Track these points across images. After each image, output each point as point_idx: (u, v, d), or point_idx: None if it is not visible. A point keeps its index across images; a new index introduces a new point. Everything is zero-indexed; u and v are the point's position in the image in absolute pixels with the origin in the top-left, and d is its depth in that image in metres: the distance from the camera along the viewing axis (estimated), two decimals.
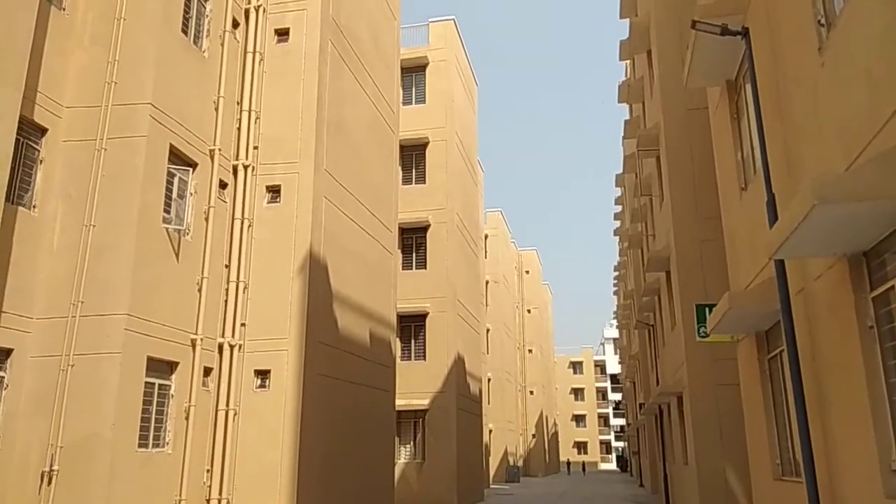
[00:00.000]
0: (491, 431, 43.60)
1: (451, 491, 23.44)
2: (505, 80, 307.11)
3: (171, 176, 12.78)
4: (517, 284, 58.85)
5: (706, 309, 13.36)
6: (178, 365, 12.60)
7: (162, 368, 12.26)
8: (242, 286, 14.19)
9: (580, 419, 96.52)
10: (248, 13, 15.64)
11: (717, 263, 14.38)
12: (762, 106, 8.14)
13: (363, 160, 18.31)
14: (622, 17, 23.89)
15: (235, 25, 15.28)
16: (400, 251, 24.64)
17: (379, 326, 18.80)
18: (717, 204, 12.22)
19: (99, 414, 10.82)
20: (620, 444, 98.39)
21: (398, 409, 21.74)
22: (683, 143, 16.17)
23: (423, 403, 24.08)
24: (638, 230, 26.31)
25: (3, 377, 10.73)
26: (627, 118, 31.06)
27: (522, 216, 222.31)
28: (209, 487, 13.10)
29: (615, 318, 67.79)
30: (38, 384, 10.98)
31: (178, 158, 13.01)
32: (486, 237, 44.40)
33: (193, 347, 12.95)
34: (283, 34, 15.84)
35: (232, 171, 14.68)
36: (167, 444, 12.25)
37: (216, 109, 14.28)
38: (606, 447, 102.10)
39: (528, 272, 63.57)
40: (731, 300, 8.39)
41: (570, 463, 79.63)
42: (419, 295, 25.01)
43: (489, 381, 42.67)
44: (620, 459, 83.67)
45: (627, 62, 30.88)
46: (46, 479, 10.61)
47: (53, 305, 11.31)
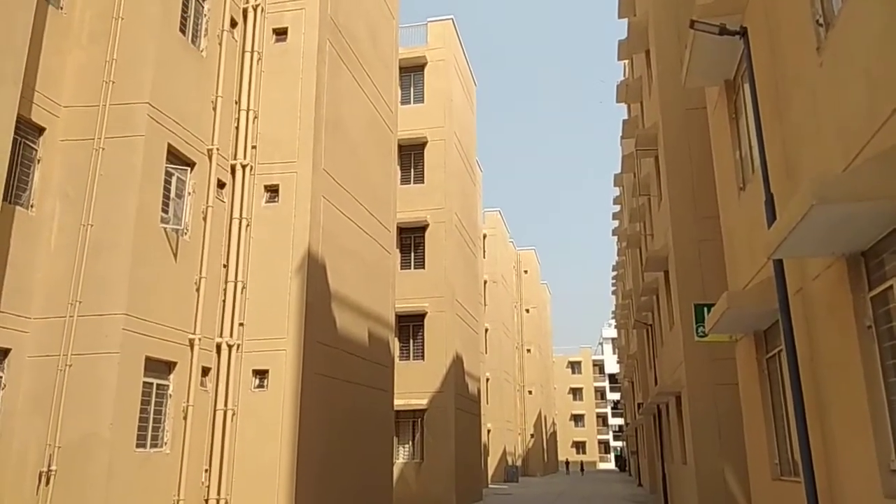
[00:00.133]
0: (489, 431, 43.60)
1: (449, 491, 23.44)
2: (503, 80, 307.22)
3: (168, 175, 12.76)
4: (515, 284, 58.88)
5: (704, 308, 13.36)
6: (176, 365, 12.58)
7: (160, 368, 12.25)
8: (241, 286, 14.17)
9: (579, 419, 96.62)
10: (246, 12, 15.62)
11: (715, 263, 14.38)
12: (761, 106, 8.14)
13: (361, 160, 18.30)
14: (620, 16, 23.90)
15: (233, 25, 15.26)
16: (398, 251, 24.65)
17: (377, 326, 18.79)
18: (715, 204, 12.22)
19: (97, 414, 10.80)
20: (619, 443, 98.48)
21: (397, 408, 21.74)
22: (682, 142, 16.17)
23: (421, 403, 24.08)
24: (636, 230, 26.30)
25: (0, 377, 10.71)
26: (626, 118, 31.08)
27: (521, 216, 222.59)
28: (207, 487, 13.09)
29: (613, 317, 67.76)
30: (35, 384, 10.96)
31: (176, 158, 13.00)
32: (484, 237, 44.41)
33: (191, 347, 12.94)
34: (281, 33, 15.83)
35: (230, 170, 14.67)
36: (165, 444, 12.23)
37: (214, 109, 14.27)
38: (605, 447, 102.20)
39: (526, 272, 63.60)
40: (729, 300, 8.39)
41: (569, 462, 79.68)
42: (417, 295, 25.01)
43: (488, 380, 42.68)
44: (619, 459, 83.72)
45: (626, 62, 30.89)
46: (44, 479, 10.59)
47: (51, 305, 11.29)
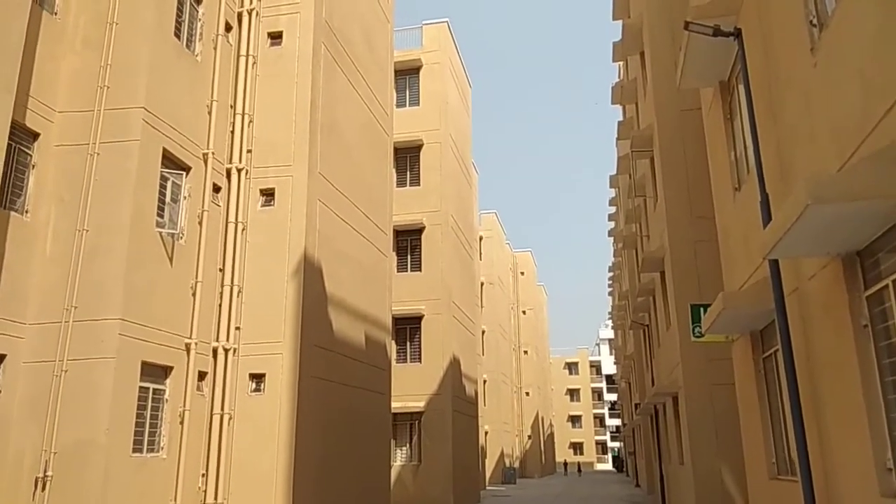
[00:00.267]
0: (487, 433, 43.56)
1: (447, 493, 23.41)
2: (499, 82, 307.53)
3: (164, 180, 12.74)
4: (512, 286, 58.86)
5: (701, 309, 13.39)
6: (172, 369, 12.55)
7: (156, 373, 12.21)
8: (237, 290, 14.14)
9: (576, 420, 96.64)
10: (240, 17, 15.60)
11: (711, 264, 14.40)
12: (755, 106, 8.16)
13: (357, 163, 18.29)
14: (615, 18, 23.93)
15: (228, 29, 15.24)
16: (395, 253, 24.62)
17: (374, 329, 18.77)
18: (710, 204, 12.25)
19: (93, 419, 10.77)
20: (616, 444, 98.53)
21: (394, 411, 21.71)
22: (677, 143, 16.19)
23: (418, 406, 24.06)
24: (632, 231, 26.32)
25: None
26: (621, 119, 31.11)
27: (517, 218, 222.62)
28: (204, 492, 13.05)
29: (610, 318, 67.90)
30: (31, 389, 10.92)
31: (171, 162, 12.97)
32: (480, 239, 44.40)
33: (188, 352, 12.91)
34: (276, 37, 15.81)
35: (225, 174, 14.64)
36: (162, 448, 12.19)
37: (209, 113, 14.25)
38: (602, 448, 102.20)
39: (522, 273, 63.59)
40: (725, 300, 8.40)
41: (566, 464, 79.68)
42: (414, 297, 24.99)
43: (485, 382, 42.67)
44: (616, 460, 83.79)
45: (620, 64, 30.94)
46: (40, 484, 10.55)
47: (47, 310, 11.26)
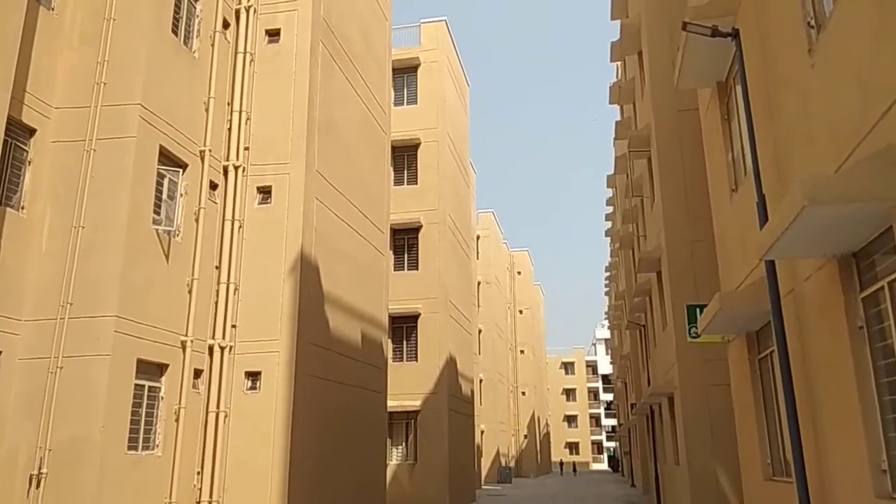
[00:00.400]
0: (483, 432, 43.59)
1: (442, 492, 23.42)
2: (497, 82, 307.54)
3: (160, 177, 12.71)
4: (509, 285, 58.89)
5: (697, 309, 13.39)
6: (167, 367, 12.53)
7: (152, 370, 12.19)
8: (233, 287, 14.12)
9: (572, 419, 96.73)
10: (238, 14, 15.58)
11: (708, 264, 14.41)
12: (752, 107, 8.16)
13: (354, 161, 18.28)
14: (613, 18, 23.93)
15: (226, 26, 15.21)
16: (392, 252, 24.60)
17: (370, 327, 18.76)
18: (707, 205, 12.26)
19: (88, 416, 10.74)
20: (612, 444, 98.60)
21: (390, 410, 21.69)
22: (674, 144, 16.20)
23: (414, 404, 24.05)
24: (629, 231, 26.35)
25: None
26: (618, 119, 31.13)
27: (514, 217, 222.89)
28: (199, 490, 13.04)
29: (606, 318, 67.92)
30: (26, 386, 10.89)
31: (167, 159, 12.94)
32: (477, 238, 44.41)
33: (183, 349, 12.89)
34: (273, 35, 15.79)
35: (222, 171, 14.62)
36: (157, 446, 12.17)
37: (206, 110, 14.22)
38: (598, 447, 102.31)
39: (519, 273, 63.63)
40: (721, 301, 8.41)
41: (562, 463, 79.77)
42: (411, 296, 24.98)
43: (481, 381, 42.68)
44: (612, 459, 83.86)
45: (618, 63, 30.95)
46: (35, 482, 10.53)
47: (42, 307, 11.23)
